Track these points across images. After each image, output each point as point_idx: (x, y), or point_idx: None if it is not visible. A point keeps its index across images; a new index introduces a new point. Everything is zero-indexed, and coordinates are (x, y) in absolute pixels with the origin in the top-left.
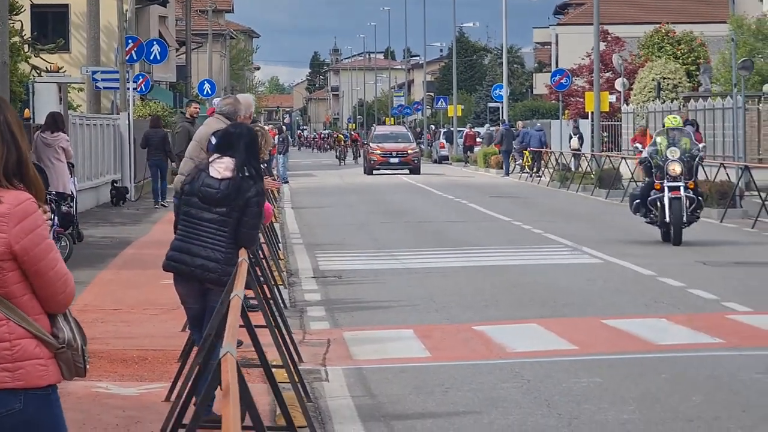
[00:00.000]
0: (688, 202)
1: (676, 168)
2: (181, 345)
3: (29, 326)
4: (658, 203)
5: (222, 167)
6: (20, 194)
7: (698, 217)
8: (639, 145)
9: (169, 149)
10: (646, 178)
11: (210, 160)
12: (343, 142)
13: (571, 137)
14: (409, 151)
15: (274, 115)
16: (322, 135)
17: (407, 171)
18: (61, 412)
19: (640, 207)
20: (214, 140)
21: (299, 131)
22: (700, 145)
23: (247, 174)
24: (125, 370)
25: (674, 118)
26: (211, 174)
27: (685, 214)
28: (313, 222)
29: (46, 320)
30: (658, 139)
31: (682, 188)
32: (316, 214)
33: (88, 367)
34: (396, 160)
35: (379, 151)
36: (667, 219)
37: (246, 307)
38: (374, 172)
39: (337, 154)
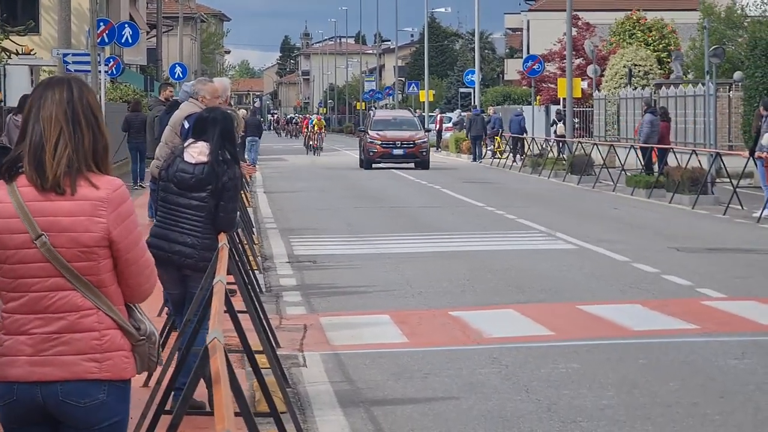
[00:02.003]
0: None
1: None
2: (157, 328)
3: (116, 317)
4: None
5: (196, 152)
6: (114, 180)
7: None
8: None
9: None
10: None
11: (185, 145)
12: (317, 128)
13: (555, 123)
14: (416, 141)
15: (244, 99)
16: (309, 120)
17: (413, 164)
18: (129, 407)
19: None
20: (187, 124)
21: (270, 115)
22: None
23: (221, 158)
24: None
25: None
26: (185, 159)
27: None
28: (287, 207)
29: (125, 311)
30: None
31: None
32: (289, 199)
33: (162, 360)
34: (400, 151)
35: (379, 141)
36: None
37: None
38: (373, 165)
39: (306, 141)
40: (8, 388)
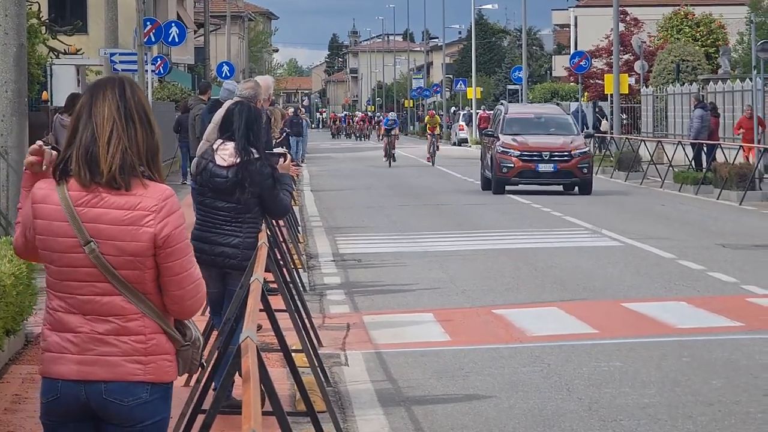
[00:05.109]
0: None
1: None
2: (200, 329)
3: (162, 322)
4: None
5: (226, 154)
6: (165, 189)
7: None
8: None
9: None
10: None
11: (214, 147)
12: (429, 127)
13: (600, 120)
14: (573, 152)
15: (293, 98)
16: (370, 117)
17: (563, 186)
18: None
19: None
20: None
21: (319, 113)
22: None
23: (248, 155)
24: None
25: None
26: (217, 163)
27: None
28: (333, 205)
29: (171, 317)
30: None
31: None
32: (335, 197)
33: (204, 363)
34: (549, 166)
35: (516, 152)
36: None
37: (265, 291)
38: (507, 187)
39: (387, 149)
40: (52, 385)
